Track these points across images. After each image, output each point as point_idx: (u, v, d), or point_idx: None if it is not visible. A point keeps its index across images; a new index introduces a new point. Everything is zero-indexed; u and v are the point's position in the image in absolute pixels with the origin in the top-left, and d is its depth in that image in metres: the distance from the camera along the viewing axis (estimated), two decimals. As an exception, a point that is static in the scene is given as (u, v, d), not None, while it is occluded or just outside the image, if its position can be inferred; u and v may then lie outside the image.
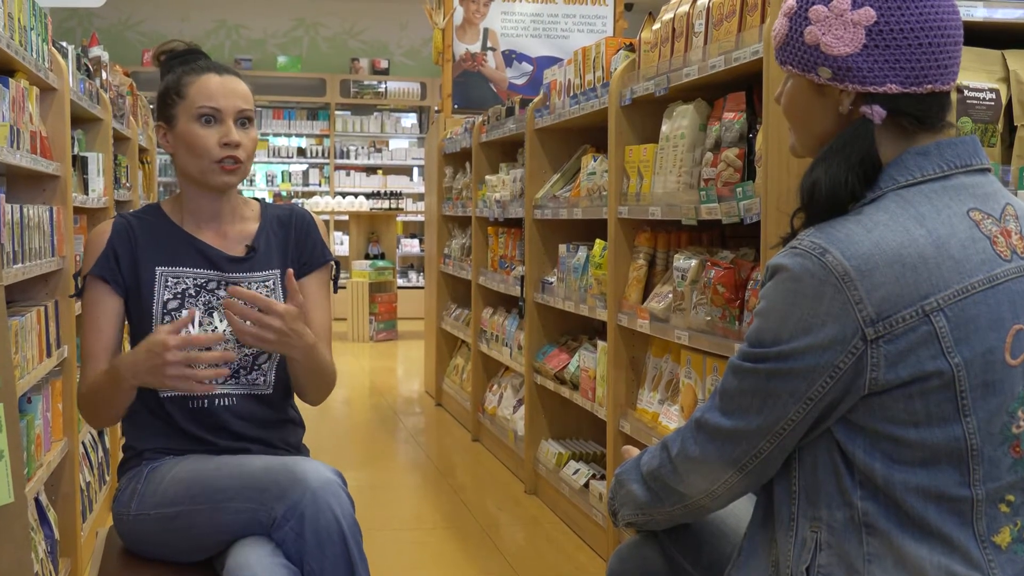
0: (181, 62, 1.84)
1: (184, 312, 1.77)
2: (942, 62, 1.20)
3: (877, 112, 1.20)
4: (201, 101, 1.76)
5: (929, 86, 1.20)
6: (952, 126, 1.25)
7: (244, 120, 1.80)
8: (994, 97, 1.91)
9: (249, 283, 1.81)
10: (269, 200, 9.84)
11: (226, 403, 1.79)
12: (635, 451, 1.43)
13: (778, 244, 1.27)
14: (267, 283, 1.83)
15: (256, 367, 1.80)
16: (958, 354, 1.14)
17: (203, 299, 1.79)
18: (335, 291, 1.96)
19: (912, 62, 1.19)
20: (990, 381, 1.16)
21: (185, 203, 1.84)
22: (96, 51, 3.66)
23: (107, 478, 3.48)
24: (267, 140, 10.33)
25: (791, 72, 1.27)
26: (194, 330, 1.75)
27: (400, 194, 9.86)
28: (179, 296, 1.78)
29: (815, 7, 1.22)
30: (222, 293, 1.79)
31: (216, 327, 1.77)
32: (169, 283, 1.78)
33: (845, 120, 1.23)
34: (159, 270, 1.79)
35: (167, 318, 1.76)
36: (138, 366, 1.64)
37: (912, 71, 1.19)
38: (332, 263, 1.93)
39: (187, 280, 1.79)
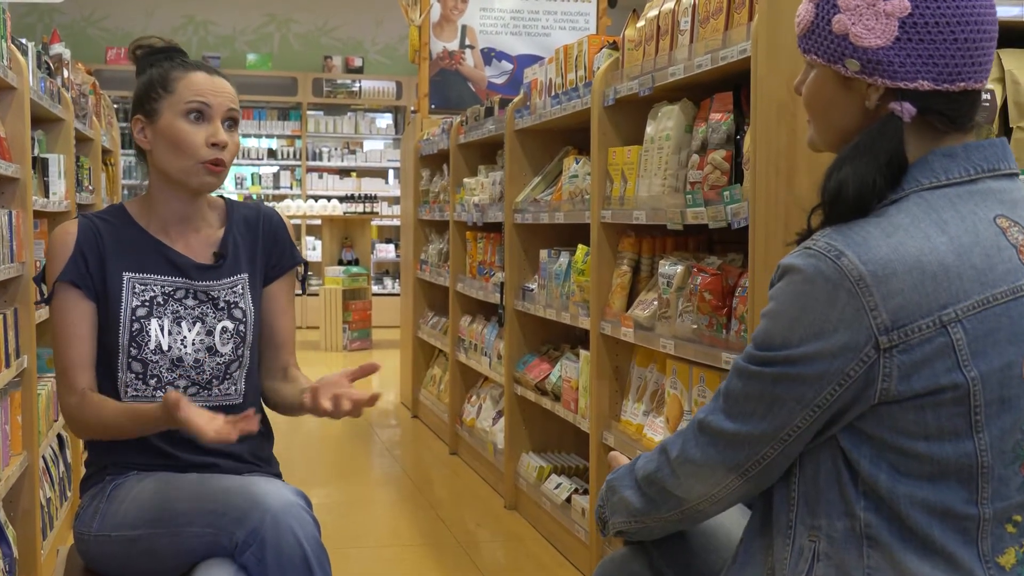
0: (164, 58, 1.80)
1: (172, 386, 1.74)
2: (977, 59, 1.16)
3: (907, 110, 1.16)
4: (190, 96, 1.72)
5: (962, 84, 1.16)
6: (980, 126, 1.21)
7: (231, 122, 1.77)
8: (989, 98, 1.91)
9: (217, 290, 1.78)
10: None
11: None
12: (622, 458, 1.40)
13: (793, 243, 1.22)
14: (235, 288, 1.80)
15: (227, 376, 1.78)
16: (974, 367, 1.11)
17: (171, 308, 1.75)
18: (304, 291, 1.92)
19: (946, 58, 1.14)
20: (1006, 397, 1.13)
21: (153, 204, 1.80)
22: (57, 48, 3.59)
23: (69, 494, 3.41)
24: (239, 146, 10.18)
25: (815, 62, 1.22)
26: (164, 340, 1.73)
27: (375, 197, 9.77)
28: (147, 304, 1.75)
29: None
30: (190, 302, 1.76)
31: (185, 336, 1.74)
32: (137, 290, 1.75)
33: (871, 116, 1.19)
34: (127, 276, 1.75)
35: (135, 325, 1.73)
36: (170, 424, 1.59)
37: (946, 67, 1.15)
38: (300, 264, 1.92)
39: (155, 288, 1.76)
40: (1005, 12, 2.02)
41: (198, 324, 1.75)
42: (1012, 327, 1.12)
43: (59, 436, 3.33)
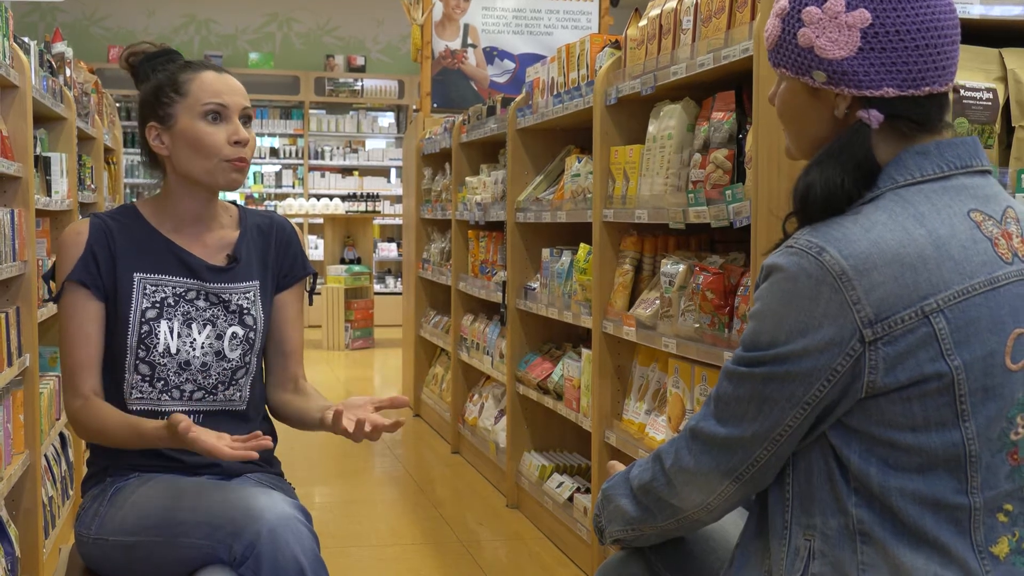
0: (166, 61, 1.78)
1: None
2: (940, 63, 1.18)
3: (874, 116, 1.18)
4: (207, 98, 1.71)
5: (927, 88, 1.18)
6: (951, 125, 1.23)
7: (245, 118, 1.76)
8: (991, 97, 1.89)
9: (229, 294, 1.77)
10: (241, 203, 9.69)
11: (195, 420, 1.74)
12: (621, 466, 1.40)
13: (772, 250, 1.23)
14: (247, 294, 1.79)
15: (233, 382, 1.77)
16: (958, 356, 1.13)
17: (182, 309, 1.74)
18: (311, 303, 1.93)
19: (909, 64, 1.17)
20: (990, 386, 1.14)
21: (168, 205, 1.79)
22: (60, 47, 3.58)
23: (71, 493, 3.41)
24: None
25: (784, 75, 1.25)
26: (173, 342, 1.72)
27: (377, 196, 9.77)
28: (157, 305, 1.73)
29: (808, 9, 1.19)
30: (201, 304, 1.75)
31: (195, 339, 1.73)
32: (148, 291, 1.73)
33: (841, 124, 1.21)
34: (137, 276, 1.74)
35: (144, 327, 1.71)
36: (173, 445, 1.59)
37: (909, 74, 1.17)
38: (311, 275, 1.90)
39: (166, 289, 1.74)
40: (1006, 12, 2.01)
41: (208, 327, 1.74)
42: (992, 316, 1.14)
43: (61, 435, 3.33)
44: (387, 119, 10.72)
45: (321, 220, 9.00)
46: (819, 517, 1.17)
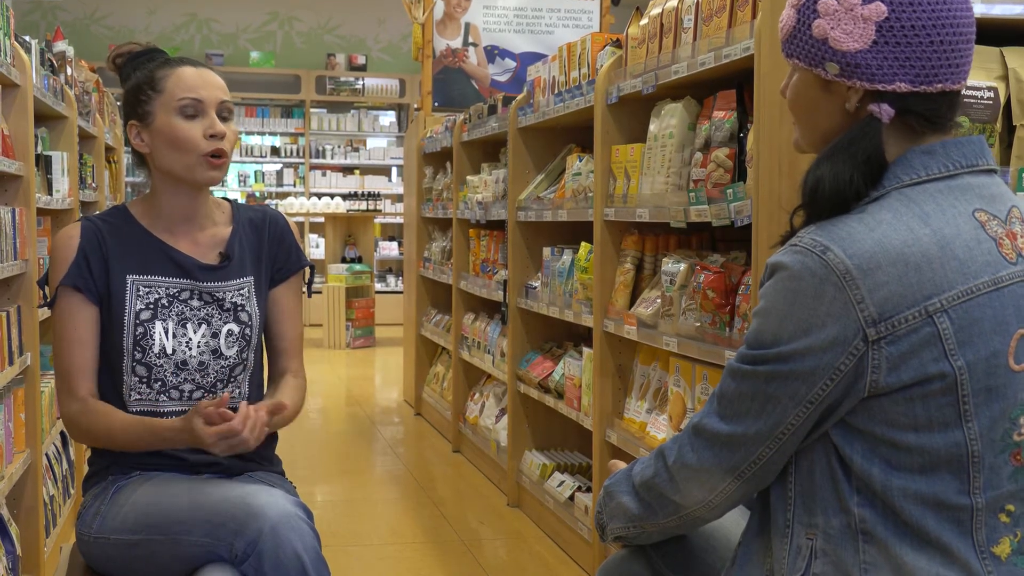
0: (146, 59, 1.78)
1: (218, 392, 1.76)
2: (954, 60, 1.18)
3: (886, 111, 1.18)
4: (182, 93, 1.71)
5: (940, 85, 1.18)
6: (960, 125, 1.22)
7: (225, 112, 1.75)
8: (992, 96, 1.89)
9: (223, 292, 1.77)
10: (242, 201, 9.69)
11: None
12: (622, 464, 1.40)
13: (777, 244, 1.23)
14: (241, 291, 1.79)
15: (231, 380, 1.77)
16: (961, 357, 1.12)
17: (176, 309, 1.74)
18: (309, 295, 1.94)
19: (923, 60, 1.16)
20: (993, 386, 1.14)
21: (157, 205, 1.79)
22: (61, 46, 3.59)
23: (72, 491, 3.40)
24: (239, 139, 10.16)
25: (797, 66, 1.24)
26: (169, 343, 1.72)
27: (378, 195, 9.76)
28: (151, 306, 1.73)
29: (824, 0, 1.18)
30: (195, 303, 1.75)
31: (190, 338, 1.73)
32: (141, 292, 1.73)
33: (852, 117, 1.21)
34: (131, 278, 1.74)
35: (139, 329, 1.71)
36: (189, 441, 1.62)
37: (923, 69, 1.17)
38: (307, 268, 1.89)
39: (159, 290, 1.74)
40: (1008, 11, 2.01)
41: (203, 326, 1.74)
42: (995, 317, 1.14)
43: (62, 434, 3.33)
44: (388, 118, 10.71)
45: (322, 219, 9.00)
46: (821, 516, 1.17)
